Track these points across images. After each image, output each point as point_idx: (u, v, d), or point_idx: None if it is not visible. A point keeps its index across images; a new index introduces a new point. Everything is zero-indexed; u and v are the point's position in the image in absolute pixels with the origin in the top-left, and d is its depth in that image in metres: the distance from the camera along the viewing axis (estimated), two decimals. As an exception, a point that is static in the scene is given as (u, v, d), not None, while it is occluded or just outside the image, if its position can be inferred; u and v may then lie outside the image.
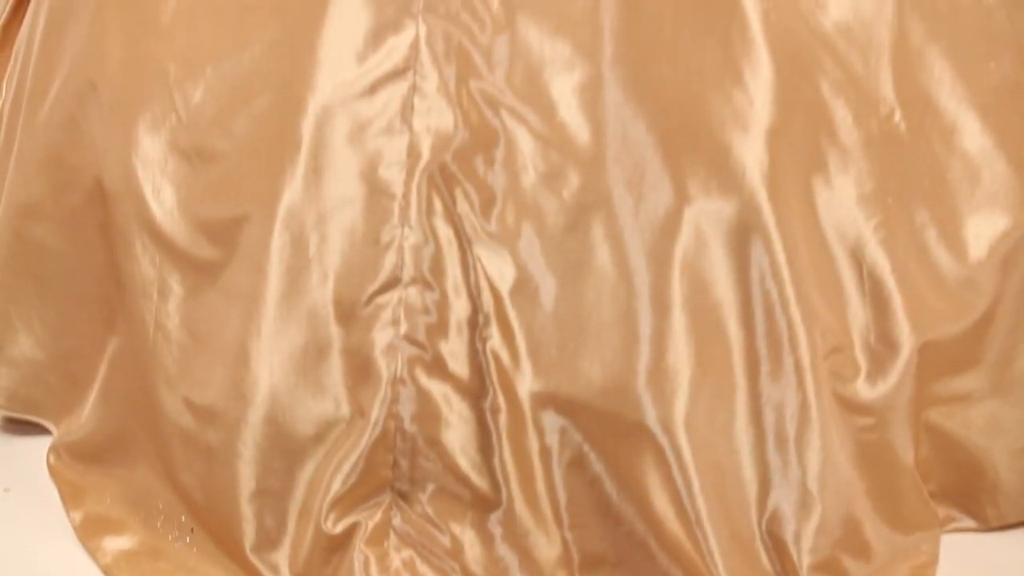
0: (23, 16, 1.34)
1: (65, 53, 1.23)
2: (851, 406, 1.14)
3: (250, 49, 1.15)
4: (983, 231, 1.17)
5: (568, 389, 1.10)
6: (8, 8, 1.35)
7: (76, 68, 1.21)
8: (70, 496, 1.21)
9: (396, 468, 1.12)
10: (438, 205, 1.12)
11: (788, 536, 1.10)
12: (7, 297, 1.27)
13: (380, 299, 1.12)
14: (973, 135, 1.17)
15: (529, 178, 1.11)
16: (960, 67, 1.16)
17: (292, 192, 1.11)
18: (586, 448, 1.11)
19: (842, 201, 1.14)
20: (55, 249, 1.24)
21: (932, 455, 1.20)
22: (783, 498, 1.10)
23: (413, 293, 1.12)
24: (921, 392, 1.16)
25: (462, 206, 1.11)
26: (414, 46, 1.12)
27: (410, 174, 1.12)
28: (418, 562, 1.12)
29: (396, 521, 1.13)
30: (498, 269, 1.11)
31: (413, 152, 1.12)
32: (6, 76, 1.35)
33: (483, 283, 1.11)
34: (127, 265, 1.18)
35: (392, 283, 1.12)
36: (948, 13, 1.16)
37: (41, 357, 1.27)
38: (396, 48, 1.12)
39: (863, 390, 1.14)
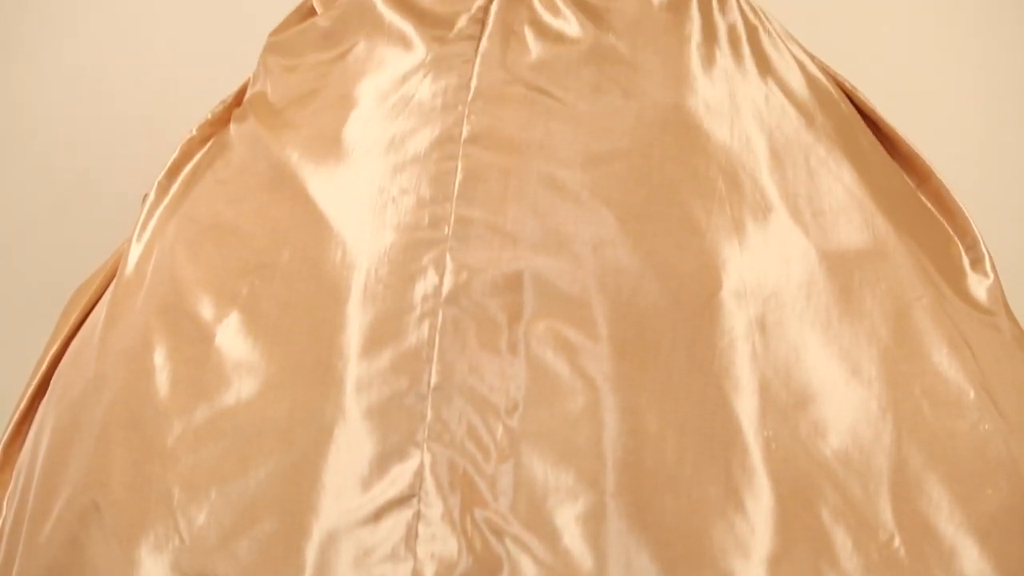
0: (24, 436, 1.35)
1: (68, 474, 1.24)
2: None
3: (255, 473, 1.16)
4: None
5: None
6: (10, 429, 1.37)
7: (79, 489, 1.22)
8: None
9: None
10: None
11: None
12: None
13: None
14: (972, 559, 1.17)
15: None
16: (958, 493, 1.18)
17: None
18: None
19: None
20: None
21: None
22: None
23: None
24: None
25: None
26: (419, 474, 1.13)
27: None
28: None
29: None
30: None
31: None
32: (6, 496, 1.35)
33: None
34: None
35: None
36: (946, 439, 1.19)
37: None
38: (401, 476, 1.13)
39: None
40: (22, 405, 1.37)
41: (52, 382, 1.34)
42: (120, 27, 2.34)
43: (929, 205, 1.37)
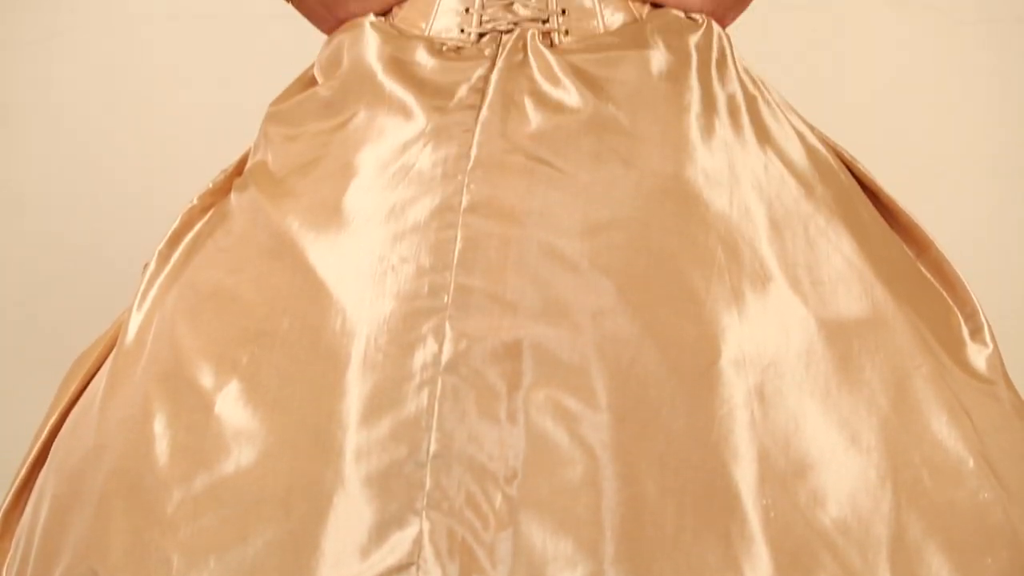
0: (24, 504, 1.35)
1: (68, 541, 1.23)
2: None
3: (254, 541, 1.15)
4: None
5: None
6: (10, 496, 1.37)
7: (78, 556, 1.21)
8: None
9: None
10: None
11: None
12: None
13: None
14: None
15: None
16: (957, 562, 1.17)
17: None
18: None
19: None
20: None
21: None
22: None
23: None
24: None
25: None
26: (417, 542, 1.13)
27: None
28: None
29: None
30: None
31: None
32: (6, 563, 1.35)
33: None
34: None
35: None
36: (945, 508, 1.18)
37: None
38: (400, 544, 1.13)
39: None
40: (22, 473, 1.37)
41: (52, 450, 1.34)
42: (121, 98, 2.35)
43: (928, 275, 1.37)
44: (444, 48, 1.31)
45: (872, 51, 2.43)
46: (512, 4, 1.31)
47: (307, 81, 1.38)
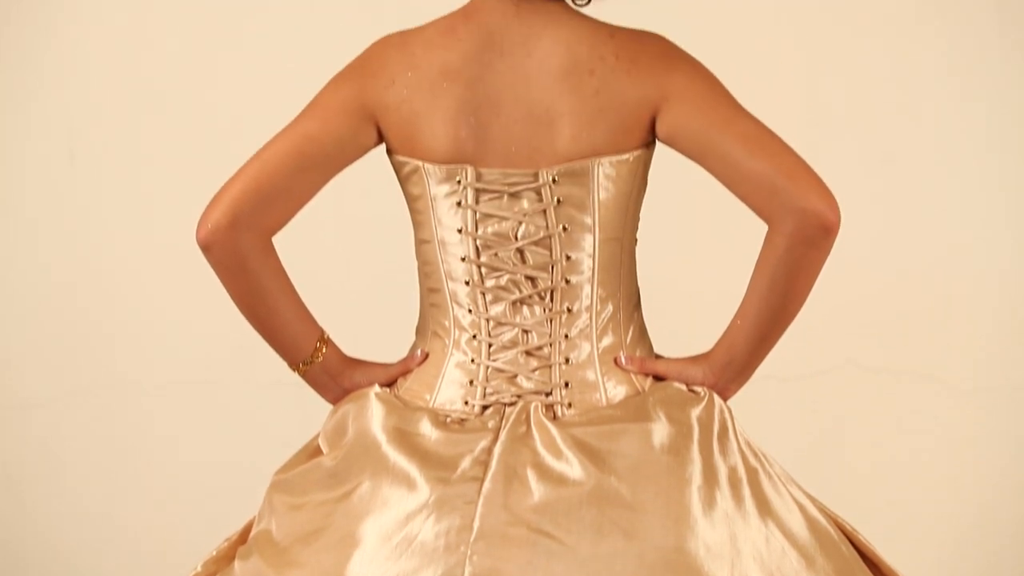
0: None
1: None
2: None
3: None
4: None
5: None
6: None
7: None
8: None
9: None
10: None
11: None
12: None
13: None
14: None
15: None
16: None
17: None
18: None
19: None
20: None
21: None
22: None
23: None
24: None
25: None
26: None
27: None
28: None
29: None
30: None
31: None
32: None
33: None
34: None
35: None
36: None
37: None
38: None
39: None
40: None
41: None
42: (125, 466, 2.38)
43: None
44: (448, 420, 1.33)
45: (874, 430, 2.46)
46: (515, 377, 1.34)
47: (312, 451, 1.40)
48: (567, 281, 1.34)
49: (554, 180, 1.32)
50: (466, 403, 1.34)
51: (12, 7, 2.38)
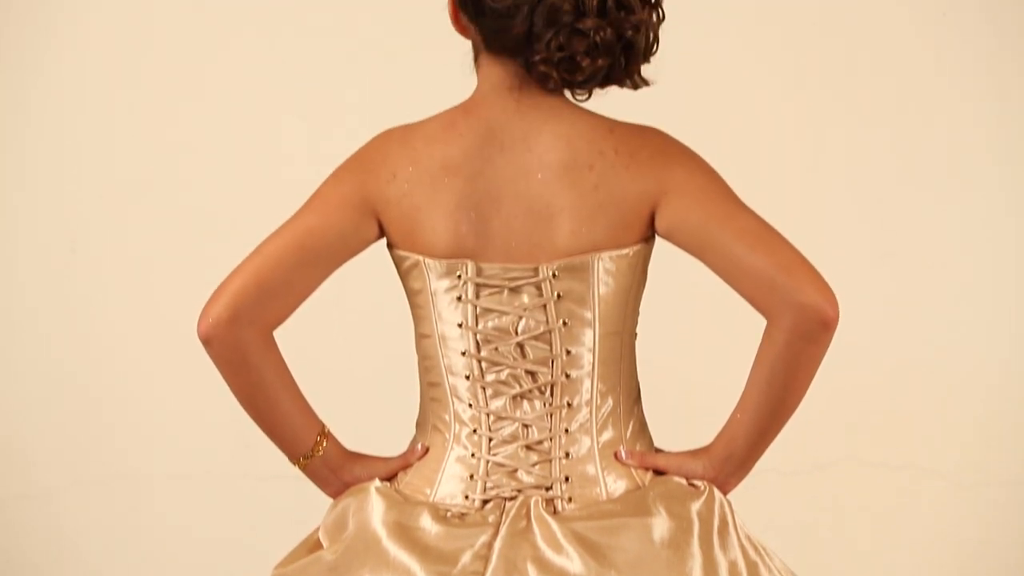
0: None
1: None
2: None
3: None
4: None
5: None
6: None
7: None
8: None
9: None
10: None
11: None
12: None
13: None
14: None
15: None
16: None
17: None
18: None
19: None
20: None
21: None
22: None
23: None
24: None
25: None
26: None
27: None
28: None
29: None
30: None
31: None
32: None
33: None
34: None
35: None
36: None
37: None
38: None
39: None
40: None
41: None
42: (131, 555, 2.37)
43: None
44: (448, 514, 1.33)
45: (875, 525, 2.45)
46: (516, 471, 1.34)
47: (312, 545, 1.40)
48: (567, 375, 1.35)
49: (554, 275, 1.33)
50: (466, 497, 1.34)
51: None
